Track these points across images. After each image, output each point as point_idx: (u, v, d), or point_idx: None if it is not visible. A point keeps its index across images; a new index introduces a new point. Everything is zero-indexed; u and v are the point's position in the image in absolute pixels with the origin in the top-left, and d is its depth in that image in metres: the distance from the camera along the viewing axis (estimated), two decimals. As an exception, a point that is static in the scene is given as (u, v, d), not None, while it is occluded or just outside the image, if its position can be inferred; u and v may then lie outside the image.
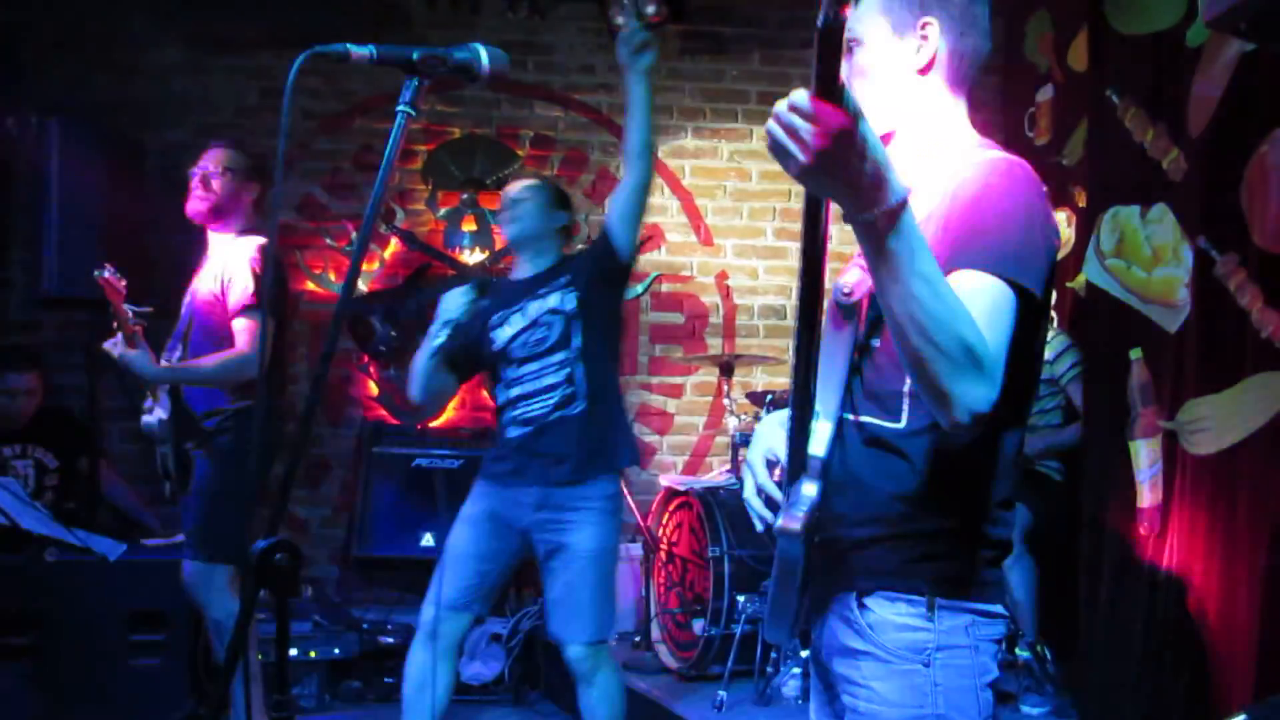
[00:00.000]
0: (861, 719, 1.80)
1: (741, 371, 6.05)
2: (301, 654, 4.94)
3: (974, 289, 1.60)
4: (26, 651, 4.41)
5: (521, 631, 5.30)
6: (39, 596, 4.45)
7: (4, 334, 5.67)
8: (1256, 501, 3.36)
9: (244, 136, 5.47)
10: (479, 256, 6.04)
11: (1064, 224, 5.13)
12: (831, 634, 1.87)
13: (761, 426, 2.02)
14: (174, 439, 4.09)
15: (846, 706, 1.84)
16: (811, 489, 1.72)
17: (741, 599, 4.49)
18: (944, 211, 1.71)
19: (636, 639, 5.20)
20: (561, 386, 3.61)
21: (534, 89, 6.20)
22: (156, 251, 5.06)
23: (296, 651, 4.88)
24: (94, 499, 4.99)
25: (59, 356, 5.52)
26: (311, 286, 5.92)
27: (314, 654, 5.00)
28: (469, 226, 6.08)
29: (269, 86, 5.97)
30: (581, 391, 3.59)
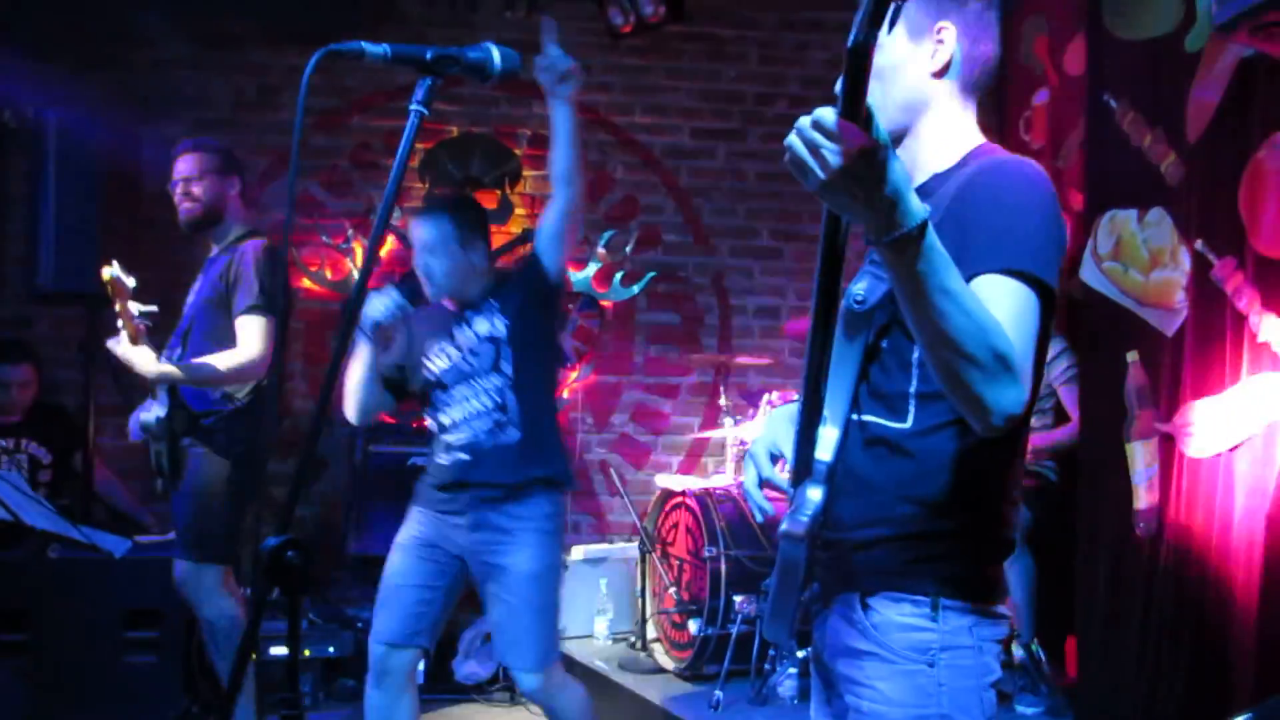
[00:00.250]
0: (865, 719, 1.81)
1: (737, 372, 6.06)
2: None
3: (999, 294, 1.63)
4: (21, 648, 4.40)
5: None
6: (34, 593, 4.44)
7: (-1, 329, 5.66)
8: (1253, 504, 3.37)
9: (242, 133, 5.49)
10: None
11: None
12: (834, 634, 1.87)
13: (767, 420, 2.02)
14: (170, 436, 4.09)
15: (850, 707, 1.85)
16: (816, 493, 1.73)
17: (738, 599, 4.49)
18: (960, 213, 1.72)
19: (633, 639, 5.20)
20: (494, 413, 3.49)
21: (532, 88, 6.13)
22: (153, 247, 5.06)
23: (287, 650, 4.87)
24: (88, 495, 4.98)
25: (54, 352, 5.51)
26: (307, 284, 5.91)
27: (308, 652, 4.99)
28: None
29: (266, 83, 5.97)
30: (514, 419, 3.48)
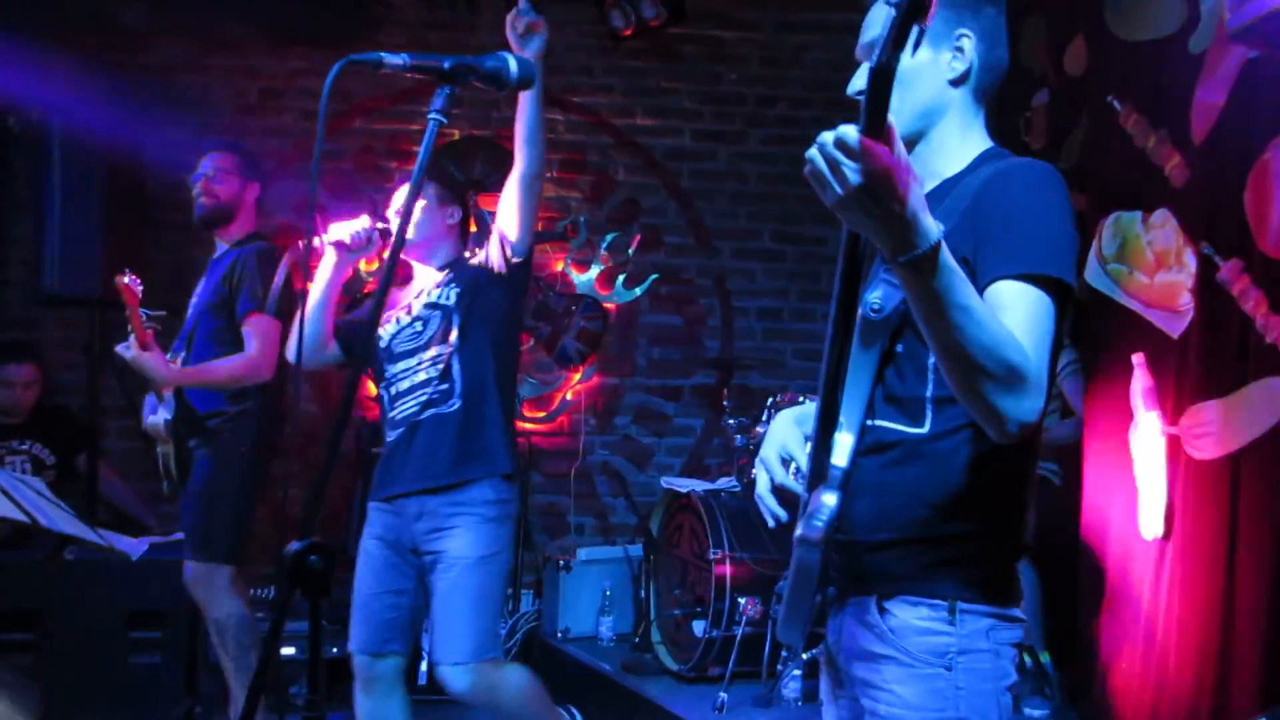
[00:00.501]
0: (882, 723, 1.81)
1: (739, 374, 6.06)
2: (299, 652, 4.93)
3: (1015, 300, 1.65)
4: (27, 648, 4.40)
5: (519, 631, 5.30)
6: (39, 594, 4.44)
7: (4, 331, 5.67)
8: (1260, 506, 3.37)
9: (243, 136, 5.49)
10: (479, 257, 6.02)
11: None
12: (850, 638, 1.88)
13: (775, 425, 2.02)
14: (177, 438, 4.10)
15: (866, 710, 1.86)
16: (832, 499, 1.73)
17: (742, 601, 4.49)
18: (975, 219, 1.74)
19: (636, 641, 5.20)
20: (435, 382, 3.35)
21: (534, 90, 6.18)
22: (157, 251, 5.06)
23: (294, 650, 4.88)
24: (92, 496, 4.97)
25: (59, 354, 5.51)
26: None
27: (313, 652, 4.99)
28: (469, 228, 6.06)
29: (269, 86, 5.97)
30: (458, 389, 3.33)
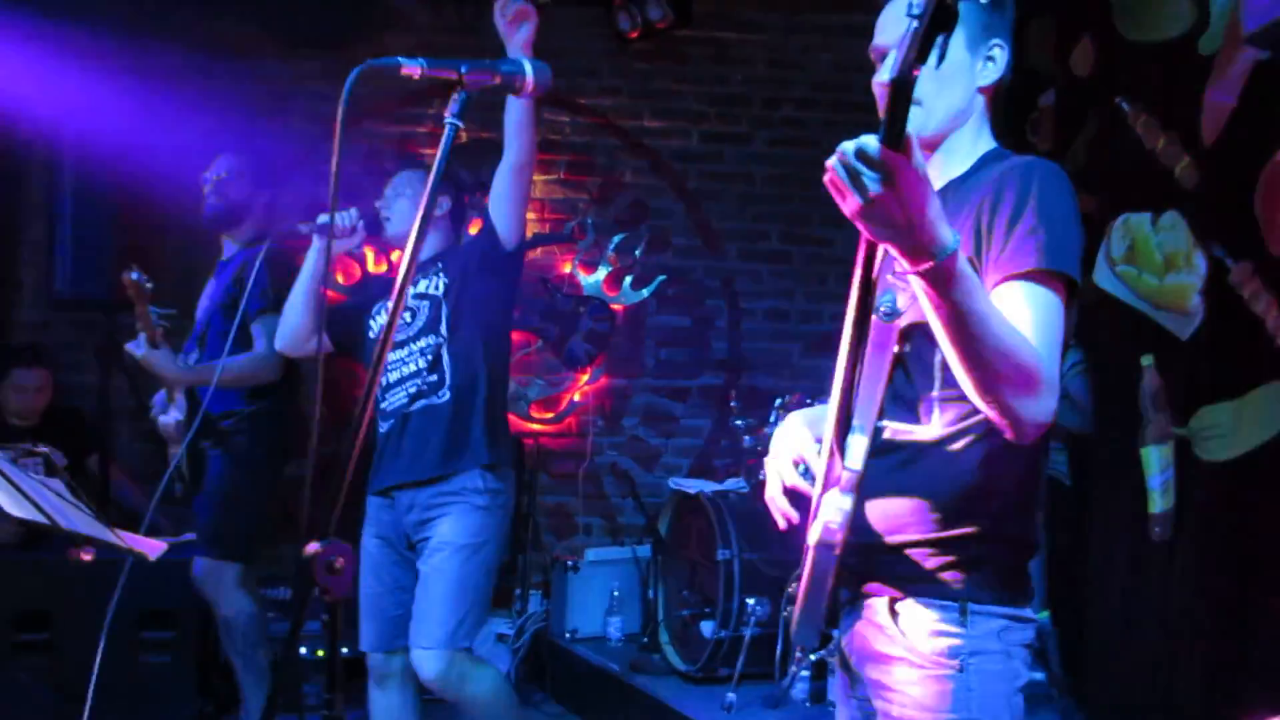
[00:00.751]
0: (894, 724, 1.82)
1: (747, 375, 6.07)
2: (310, 652, 4.94)
3: (1023, 301, 1.66)
4: (39, 648, 4.41)
5: (527, 632, 5.31)
6: (51, 594, 4.45)
7: (16, 334, 5.67)
8: (1269, 509, 3.38)
9: (252, 140, 5.48)
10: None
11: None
12: (862, 639, 1.89)
13: (785, 426, 2.03)
14: (189, 439, 4.11)
15: (878, 711, 1.86)
16: (846, 501, 1.74)
17: (750, 601, 4.49)
18: (983, 218, 1.75)
19: (644, 641, 5.20)
20: (425, 373, 3.36)
21: (539, 92, 6.17)
22: (167, 253, 5.06)
23: (305, 650, 4.89)
24: (104, 498, 4.98)
25: (71, 357, 5.51)
26: (318, 288, 5.91)
27: (321, 652, 5.00)
28: (476, 229, 6.06)
29: (276, 90, 5.97)
30: (448, 379, 3.34)
